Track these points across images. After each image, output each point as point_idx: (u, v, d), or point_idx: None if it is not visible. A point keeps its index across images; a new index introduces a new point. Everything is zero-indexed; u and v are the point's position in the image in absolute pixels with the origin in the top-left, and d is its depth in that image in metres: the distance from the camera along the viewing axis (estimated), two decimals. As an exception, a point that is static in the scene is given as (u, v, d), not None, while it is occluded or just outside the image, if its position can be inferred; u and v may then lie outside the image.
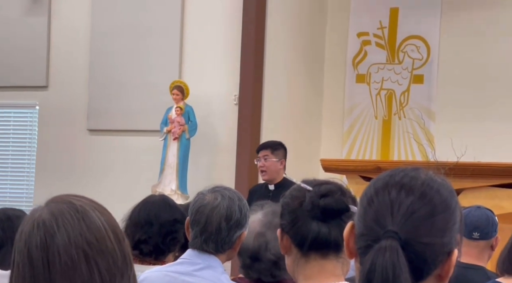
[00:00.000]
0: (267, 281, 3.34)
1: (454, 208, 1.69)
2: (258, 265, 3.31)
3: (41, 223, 1.65)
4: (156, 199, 4.03)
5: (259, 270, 3.31)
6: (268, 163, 7.87)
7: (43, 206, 1.70)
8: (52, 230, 1.64)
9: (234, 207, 3.29)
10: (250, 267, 3.32)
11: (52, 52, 11.90)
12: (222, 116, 10.74)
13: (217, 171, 10.50)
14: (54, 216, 1.66)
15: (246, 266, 3.34)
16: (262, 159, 7.90)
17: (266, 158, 7.89)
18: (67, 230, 1.64)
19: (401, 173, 1.70)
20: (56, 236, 1.64)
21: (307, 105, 11.08)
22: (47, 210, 1.68)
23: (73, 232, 1.64)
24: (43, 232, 1.64)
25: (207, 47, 10.88)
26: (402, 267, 1.57)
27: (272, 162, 7.87)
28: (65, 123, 11.69)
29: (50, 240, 1.63)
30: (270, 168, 7.86)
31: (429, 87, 10.77)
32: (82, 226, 1.66)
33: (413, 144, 10.38)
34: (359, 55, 11.17)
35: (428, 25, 10.77)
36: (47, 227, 1.65)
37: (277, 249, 2.47)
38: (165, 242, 3.82)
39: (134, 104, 11.17)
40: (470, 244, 4.52)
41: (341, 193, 2.42)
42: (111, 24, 11.39)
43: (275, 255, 3.14)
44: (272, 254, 3.23)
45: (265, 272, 3.30)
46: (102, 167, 11.34)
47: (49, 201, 1.71)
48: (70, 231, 1.64)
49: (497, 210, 5.22)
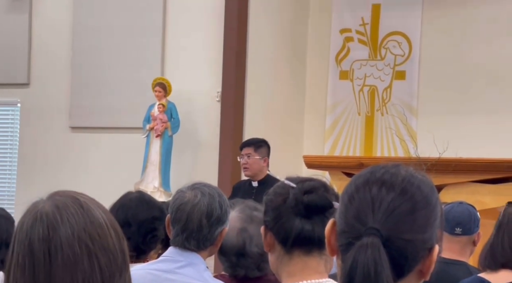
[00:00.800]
0: (253, 276, 3.34)
1: (434, 204, 1.70)
2: (244, 260, 3.31)
3: (45, 215, 1.65)
4: (133, 197, 3.94)
5: (245, 265, 3.31)
6: (251, 160, 7.87)
7: (45, 199, 1.70)
8: (56, 223, 1.64)
9: (214, 204, 3.29)
10: (237, 264, 3.32)
11: (34, 49, 11.85)
12: (205, 113, 10.73)
13: (200, 168, 10.50)
14: (58, 209, 1.66)
15: (232, 264, 3.34)
16: (245, 157, 7.90)
17: (249, 156, 7.89)
18: (71, 223, 1.64)
19: (381, 170, 1.70)
20: (60, 229, 1.63)
21: (290, 101, 11.09)
22: (50, 202, 1.68)
23: (77, 226, 1.64)
24: (46, 224, 1.64)
25: (190, 44, 10.87)
26: (383, 264, 1.57)
27: (255, 159, 7.87)
28: (47, 120, 11.65)
29: (53, 233, 1.63)
30: (252, 165, 7.87)
31: (411, 83, 10.80)
32: (86, 221, 1.66)
33: (396, 140, 10.40)
34: (342, 52, 11.19)
35: (409, 21, 10.80)
36: (51, 219, 1.64)
37: (261, 241, 2.48)
38: (145, 242, 3.79)
39: (116, 101, 11.14)
40: (453, 240, 4.54)
41: (324, 190, 2.43)
42: (93, 21, 11.35)
43: (260, 247, 3.14)
44: (257, 247, 3.24)
45: (252, 266, 3.30)
46: (84, 164, 11.31)
47: (52, 194, 1.71)
48: (74, 225, 1.64)
49: (479, 206, 5.24)
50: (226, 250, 3.35)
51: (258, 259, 3.27)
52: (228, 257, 3.35)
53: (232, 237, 3.33)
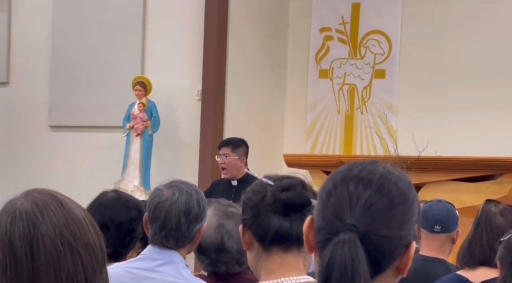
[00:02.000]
0: (234, 272, 3.34)
1: (412, 200, 1.70)
2: (224, 256, 3.31)
3: (24, 212, 1.64)
4: (110, 197, 3.89)
5: (226, 261, 3.31)
6: (228, 160, 7.86)
7: (20, 196, 1.68)
8: (36, 220, 1.63)
9: (192, 201, 3.29)
10: (217, 260, 3.32)
11: (13, 48, 11.80)
12: (185, 112, 10.72)
13: (180, 167, 10.49)
14: (38, 206, 1.65)
15: (213, 261, 3.34)
16: (223, 156, 7.89)
17: (227, 156, 7.88)
18: (52, 220, 1.64)
19: (359, 167, 1.71)
20: (41, 226, 1.63)
21: (270, 100, 11.10)
22: (29, 200, 1.67)
23: (58, 223, 1.64)
24: (27, 221, 1.63)
25: (170, 43, 10.86)
26: (360, 260, 1.58)
27: (232, 159, 7.86)
28: (26, 119, 11.61)
29: (34, 229, 1.62)
30: (230, 165, 7.85)
31: (391, 81, 10.83)
32: (67, 217, 1.65)
33: (376, 138, 10.43)
34: (322, 51, 11.21)
35: (389, 20, 10.84)
36: (31, 216, 1.63)
37: (239, 236, 2.48)
38: (124, 244, 3.76)
39: (96, 100, 11.11)
40: (432, 237, 4.55)
41: (302, 187, 2.43)
42: (72, 20, 11.32)
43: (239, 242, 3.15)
44: (235, 242, 3.24)
45: (232, 261, 3.31)
46: (64, 163, 11.27)
47: (28, 192, 1.70)
48: (55, 222, 1.64)
49: (458, 204, 5.26)
50: (205, 247, 3.35)
51: (238, 253, 3.27)
52: (207, 254, 3.35)
53: (210, 234, 3.33)
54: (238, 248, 3.24)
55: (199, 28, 10.59)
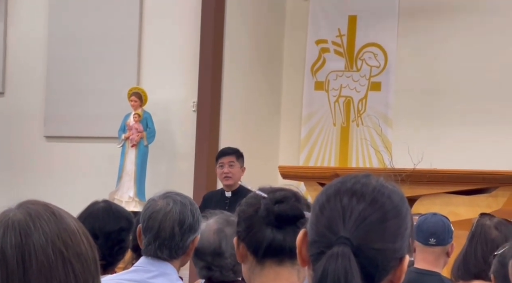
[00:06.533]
0: (228, 280, 3.32)
1: (405, 213, 1.70)
2: (220, 260, 3.30)
3: (16, 222, 1.64)
4: (100, 207, 3.88)
5: (221, 265, 3.30)
6: (234, 169, 7.88)
7: (13, 207, 1.69)
8: (28, 229, 1.63)
9: (186, 212, 3.29)
10: (212, 263, 3.31)
11: (9, 58, 11.80)
12: (181, 123, 10.72)
13: (176, 178, 10.48)
14: (30, 216, 1.65)
15: (207, 264, 3.32)
16: (227, 165, 7.88)
17: (232, 165, 7.89)
18: (44, 230, 1.64)
19: (352, 180, 1.71)
20: (33, 235, 1.63)
21: (266, 112, 11.10)
22: (22, 210, 1.67)
23: (51, 233, 1.64)
24: (19, 230, 1.63)
25: (166, 54, 10.86)
26: (354, 273, 1.58)
27: (238, 168, 7.89)
28: (21, 129, 11.59)
29: (26, 239, 1.63)
30: (236, 175, 7.87)
31: (386, 94, 10.84)
32: (59, 227, 1.65)
33: (371, 151, 10.44)
34: (318, 63, 11.22)
35: (385, 32, 10.86)
36: (23, 226, 1.64)
37: None
38: (112, 254, 3.74)
39: (91, 110, 11.10)
40: (427, 250, 4.55)
41: (295, 199, 2.42)
42: (69, 31, 11.32)
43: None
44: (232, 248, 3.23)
45: (227, 267, 3.29)
46: (59, 174, 11.26)
47: (22, 203, 1.70)
48: (48, 231, 1.64)
49: (452, 217, 5.27)
50: (202, 250, 3.33)
51: (233, 260, 3.26)
52: (203, 257, 3.33)
53: (209, 236, 3.32)
54: (234, 255, 3.24)
55: (195, 39, 10.61)
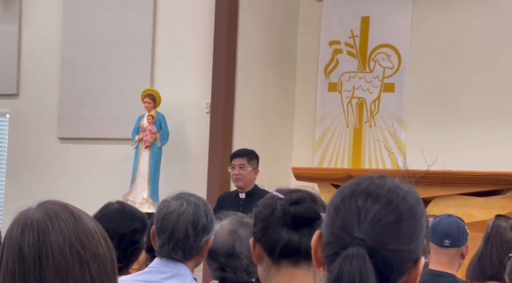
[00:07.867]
0: (242, 281, 3.32)
1: (420, 215, 1.70)
2: (233, 261, 3.30)
3: (35, 221, 1.66)
4: (114, 208, 3.88)
5: (234, 266, 3.30)
6: (245, 172, 7.85)
7: (33, 207, 1.70)
8: (46, 229, 1.65)
9: (200, 213, 3.29)
10: (226, 264, 3.30)
11: (23, 60, 11.84)
12: (194, 124, 10.73)
13: (189, 179, 10.48)
14: (49, 216, 1.66)
15: (221, 265, 3.32)
16: (238, 167, 7.87)
17: (243, 167, 7.87)
18: (62, 230, 1.65)
19: (367, 181, 1.71)
20: (51, 235, 1.64)
21: (279, 113, 11.09)
22: (41, 210, 1.68)
23: (68, 233, 1.65)
24: (37, 230, 1.65)
25: (179, 55, 10.87)
26: (369, 274, 1.58)
27: (248, 171, 7.86)
28: (35, 131, 11.63)
29: (43, 238, 1.64)
30: (245, 177, 7.84)
31: (400, 95, 10.81)
32: (77, 228, 1.66)
33: (384, 152, 10.41)
34: (331, 64, 11.20)
35: (399, 33, 10.83)
36: (41, 225, 1.65)
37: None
38: (126, 255, 3.75)
39: (105, 112, 11.13)
40: (441, 252, 4.53)
41: (312, 201, 2.42)
42: (82, 32, 11.35)
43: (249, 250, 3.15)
44: (246, 249, 3.23)
45: (241, 267, 3.29)
46: (73, 175, 11.28)
47: (42, 203, 1.71)
48: (65, 231, 1.65)
49: (467, 219, 5.25)
50: (215, 251, 3.33)
51: (247, 261, 3.26)
52: (217, 258, 3.33)
53: (222, 237, 3.32)
54: (248, 256, 3.24)
55: (208, 41, 10.61)
